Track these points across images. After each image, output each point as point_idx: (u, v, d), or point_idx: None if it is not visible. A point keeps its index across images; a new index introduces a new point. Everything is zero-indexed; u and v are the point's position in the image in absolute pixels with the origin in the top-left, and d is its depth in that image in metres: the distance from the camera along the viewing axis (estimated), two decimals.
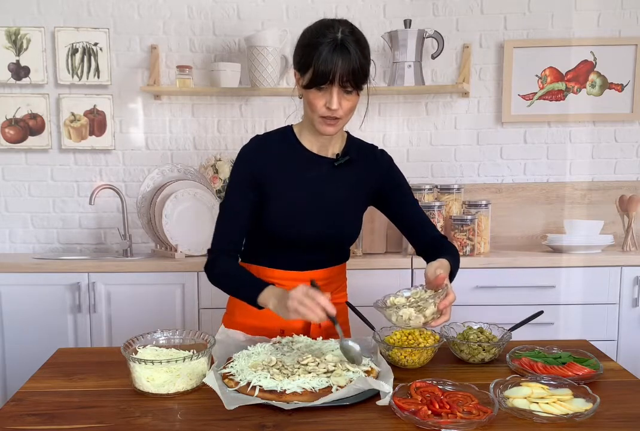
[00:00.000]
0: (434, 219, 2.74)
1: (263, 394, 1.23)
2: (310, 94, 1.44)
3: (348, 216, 1.62)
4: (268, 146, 1.58)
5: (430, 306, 1.35)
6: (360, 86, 1.43)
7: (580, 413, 1.14)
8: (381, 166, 1.65)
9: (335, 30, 1.40)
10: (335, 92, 1.41)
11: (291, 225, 1.56)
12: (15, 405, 1.25)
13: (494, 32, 3.01)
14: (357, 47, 1.40)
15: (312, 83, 1.41)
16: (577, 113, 3.02)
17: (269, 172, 1.55)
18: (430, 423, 1.11)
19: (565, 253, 2.74)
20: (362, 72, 1.41)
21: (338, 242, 1.64)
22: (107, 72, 3.01)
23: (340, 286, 1.72)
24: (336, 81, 1.39)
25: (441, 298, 1.36)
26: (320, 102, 1.44)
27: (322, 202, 1.57)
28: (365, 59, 1.42)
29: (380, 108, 3.07)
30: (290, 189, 1.56)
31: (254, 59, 2.85)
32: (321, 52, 1.38)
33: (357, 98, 1.46)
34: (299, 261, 1.60)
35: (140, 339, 1.42)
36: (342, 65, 1.38)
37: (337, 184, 1.59)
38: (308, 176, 1.57)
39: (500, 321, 1.72)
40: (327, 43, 1.38)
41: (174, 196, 2.75)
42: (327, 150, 1.59)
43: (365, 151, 1.65)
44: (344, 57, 1.38)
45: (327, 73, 1.38)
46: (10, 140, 3.02)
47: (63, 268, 2.66)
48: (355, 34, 1.43)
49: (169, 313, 2.65)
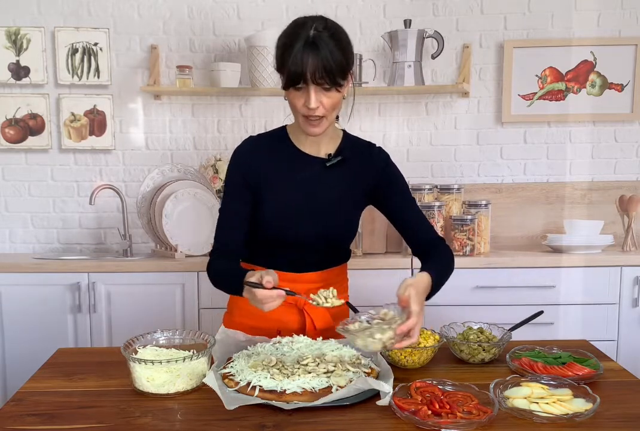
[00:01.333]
0: (434, 219, 2.74)
1: (263, 394, 1.23)
2: (290, 94, 1.44)
3: (344, 216, 1.61)
4: (261, 146, 1.58)
5: (389, 331, 1.26)
6: (338, 82, 1.40)
7: (580, 413, 1.14)
8: (377, 164, 1.62)
9: (307, 27, 1.38)
10: (312, 90, 1.39)
11: (286, 226, 1.56)
12: (15, 405, 1.25)
13: (494, 32, 3.01)
14: (330, 42, 1.37)
15: (287, 84, 1.41)
16: (577, 113, 3.02)
17: (262, 173, 1.55)
18: (430, 423, 1.11)
19: (565, 253, 2.74)
20: (337, 67, 1.37)
21: (334, 242, 1.63)
22: (107, 72, 3.01)
23: (339, 288, 1.70)
24: (309, 79, 1.37)
25: (400, 323, 1.28)
26: (300, 102, 1.42)
27: (315, 202, 1.56)
28: (341, 53, 1.39)
29: (380, 108, 3.07)
30: (283, 190, 1.56)
31: (254, 59, 2.85)
32: (292, 52, 1.37)
33: (338, 94, 1.43)
34: (295, 262, 1.60)
35: (140, 339, 1.42)
36: (312, 62, 1.35)
37: (330, 184, 1.58)
38: (301, 176, 1.56)
39: (500, 321, 1.72)
40: (298, 42, 1.37)
41: (174, 196, 2.75)
42: (320, 150, 1.58)
43: (361, 149, 1.63)
44: (314, 54, 1.36)
45: (298, 72, 1.36)
46: (10, 140, 3.02)
47: (63, 268, 2.66)
48: (329, 28, 1.40)
49: (169, 313, 2.65)
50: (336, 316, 1.66)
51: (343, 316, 1.70)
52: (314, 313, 1.60)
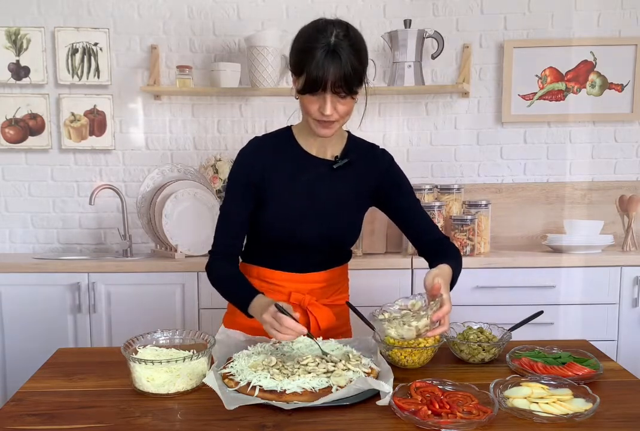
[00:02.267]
0: (434, 219, 2.73)
1: (263, 394, 1.23)
2: (305, 98, 1.44)
3: (348, 218, 1.61)
4: (266, 148, 1.58)
5: (423, 318, 1.32)
6: (354, 91, 1.41)
7: (580, 413, 1.14)
8: (381, 166, 1.63)
9: (328, 34, 1.38)
10: (329, 98, 1.40)
11: (290, 227, 1.56)
12: (15, 405, 1.25)
13: (494, 32, 3.01)
14: (350, 51, 1.38)
15: (305, 89, 1.41)
16: (577, 113, 3.02)
17: (266, 174, 1.55)
18: (430, 423, 1.11)
19: (565, 253, 2.74)
20: (355, 77, 1.39)
21: (338, 244, 1.63)
22: (107, 72, 3.01)
23: (341, 288, 1.71)
24: (328, 88, 1.38)
25: (435, 309, 1.33)
26: (314, 107, 1.43)
27: (320, 204, 1.57)
28: (359, 63, 1.40)
29: (380, 108, 3.07)
30: (288, 191, 1.56)
31: (254, 59, 2.85)
32: (313, 58, 1.37)
33: (352, 101, 1.45)
34: (299, 263, 1.60)
35: (140, 339, 1.42)
36: (333, 71, 1.36)
37: (335, 185, 1.58)
38: (306, 178, 1.56)
39: (500, 321, 1.72)
40: (319, 49, 1.37)
41: (174, 196, 2.75)
42: (326, 151, 1.59)
43: (365, 151, 1.64)
44: (336, 63, 1.36)
45: (318, 80, 1.37)
46: (10, 140, 3.02)
47: (63, 268, 2.66)
48: (349, 37, 1.40)
49: (169, 313, 2.65)
50: (339, 315, 1.67)
51: (344, 315, 1.71)
52: (318, 313, 1.61)
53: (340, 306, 1.68)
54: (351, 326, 1.76)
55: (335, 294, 1.68)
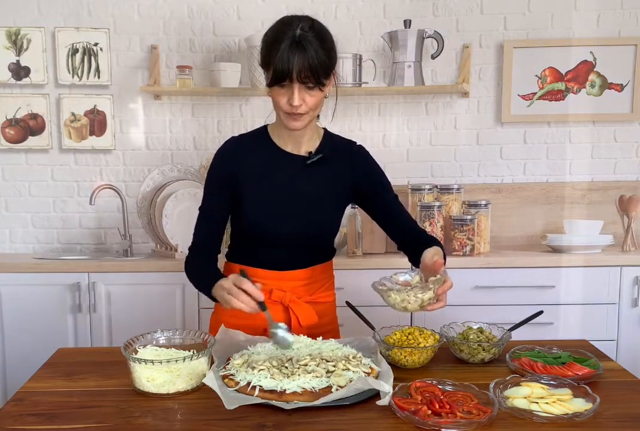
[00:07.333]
0: (434, 219, 2.74)
1: (263, 394, 1.23)
2: (274, 91, 1.46)
3: (325, 214, 1.62)
4: (242, 146, 1.61)
5: (429, 291, 1.36)
6: (322, 81, 1.43)
7: (580, 413, 1.14)
8: (357, 162, 1.64)
9: (293, 27, 1.41)
10: (296, 88, 1.42)
11: (268, 224, 1.57)
12: (15, 405, 1.25)
13: (493, 32, 3.01)
14: (315, 42, 1.40)
15: (272, 81, 1.43)
16: (577, 113, 3.02)
17: (242, 172, 1.57)
18: (430, 423, 1.11)
19: (565, 253, 2.74)
20: (321, 67, 1.41)
21: (317, 240, 1.65)
22: (107, 72, 3.01)
23: (325, 285, 1.71)
24: (295, 78, 1.40)
25: (439, 284, 1.37)
26: (283, 99, 1.45)
27: (296, 201, 1.58)
28: (325, 54, 1.42)
29: (380, 108, 3.07)
30: (264, 188, 1.57)
31: (254, 59, 2.85)
32: (279, 50, 1.39)
33: (321, 94, 1.47)
34: (280, 260, 1.61)
35: (140, 339, 1.42)
36: (298, 61, 1.38)
37: (311, 182, 1.59)
38: (281, 174, 1.58)
39: (500, 321, 1.73)
40: (284, 41, 1.39)
41: (174, 196, 2.75)
42: (301, 148, 1.60)
43: (341, 147, 1.65)
44: (301, 53, 1.39)
45: (284, 71, 1.39)
46: (11, 140, 3.02)
47: (63, 268, 2.66)
48: (315, 29, 1.43)
49: (169, 313, 2.65)
50: (323, 313, 1.67)
51: (328, 313, 1.71)
52: (299, 311, 1.62)
53: (325, 304, 1.69)
54: (338, 325, 1.76)
55: (319, 292, 1.67)
